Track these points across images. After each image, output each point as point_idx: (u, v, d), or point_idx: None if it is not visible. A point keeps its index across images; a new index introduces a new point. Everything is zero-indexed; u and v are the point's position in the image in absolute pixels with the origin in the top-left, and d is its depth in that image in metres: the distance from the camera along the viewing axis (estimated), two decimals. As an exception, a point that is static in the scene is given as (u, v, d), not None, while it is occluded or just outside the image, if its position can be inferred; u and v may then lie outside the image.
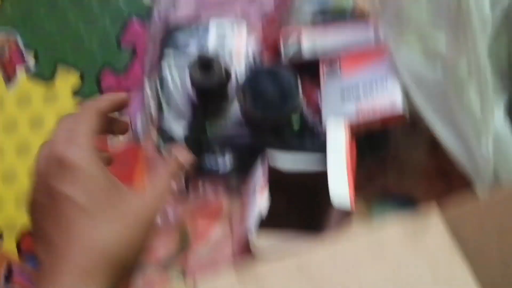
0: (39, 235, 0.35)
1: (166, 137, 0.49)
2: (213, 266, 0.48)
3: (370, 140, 0.46)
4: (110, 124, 0.39)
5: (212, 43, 0.50)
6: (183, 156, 0.40)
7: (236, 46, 0.50)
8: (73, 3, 0.60)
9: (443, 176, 0.47)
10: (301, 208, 0.44)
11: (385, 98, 0.41)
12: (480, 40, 0.36)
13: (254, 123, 0.46)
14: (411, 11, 0.39)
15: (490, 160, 0.39)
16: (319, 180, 0.41)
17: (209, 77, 0.45)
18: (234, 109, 0.48)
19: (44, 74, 0.59)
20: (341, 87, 0.43)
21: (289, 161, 0.39)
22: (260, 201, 0.37)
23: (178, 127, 0.48)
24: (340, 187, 0.33)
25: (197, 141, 0.48)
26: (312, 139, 0.46)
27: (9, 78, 0.59)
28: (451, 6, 0.35)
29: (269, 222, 0.36)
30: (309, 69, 0.47)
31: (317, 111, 0.46)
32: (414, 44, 0.40)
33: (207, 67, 0.45)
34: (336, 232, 0.36)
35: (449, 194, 0.47)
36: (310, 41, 0.46)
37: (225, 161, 0.49)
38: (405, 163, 0.48)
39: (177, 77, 0.49)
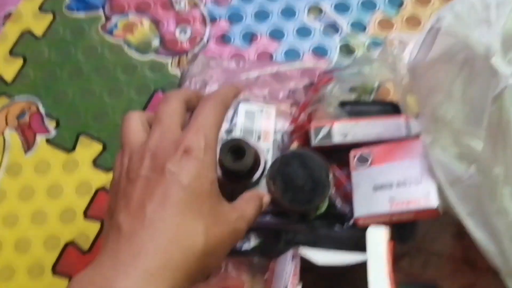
0: (130, 205, 0.33)
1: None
2: None
3: (397, 227, 0.46)
4: None
5: (240, 124, 0.50)
6: (265, 196, 0.42)
7: (264, 129, 0.50)
8: (98, 72, 0.61)
9: (468, 265, 0.48)
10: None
11: (419, 191, 0.41)
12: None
13: (280, 209, 0.46)
14: (447, 112, 0.40)
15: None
16: (351, 272, 0.41)
17: (239, 162, 0.45)
18: (261, 189, 0.48)
19: (65, 145, 0.58)
20: (373, 178, 0.44)
21: (321, 256, 0.39)
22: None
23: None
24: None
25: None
26: (341, 224, 0.46)
27: (28, 145, 0.59)
28: (491, 115, 0.36)
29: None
30: (338, 154, 0.48)
31: (345, 196, 0.47)
32: (449, 145, 0.41)
33: (238, 152, 0.45)
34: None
35: (474, 284, 0.47)
36: (340, 129, 0.47)
37: (249, 239, 0.49)
38: (430, 251, 0.48)
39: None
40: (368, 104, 0.52)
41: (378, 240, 0.35)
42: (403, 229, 0.46)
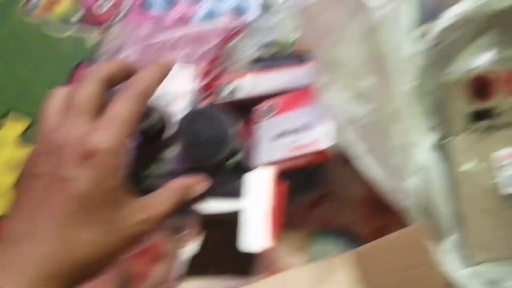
0: (21, 206, 0.33)
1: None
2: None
3: (307, 175, 0.47)
4: None
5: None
6: (196, 180, 0.40)
7: (179, 89, 0.51)
8: (17, 50, 0.61)
9: (381, 208, 0.48)
10: (225, 251, 0.44)
11: (315, 135, 0.42)
12: (400, 83, 0.37)
13: (190, 165, 0.47)
14: (342, 54, 0.40)
15: (417, 194, 0.40)
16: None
17: (147, 122, 0.46)
18: (174, 149, 0.49)
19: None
20: (275, 128, 0.44)
21: (215, 204, 0.40)
22: (188, 249, 0.37)
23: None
24: (254, 230, 0.33)
25: (137, 180, 0.48)
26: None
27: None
28: (373, 50, 0.36)
29: (195, 268, 0.36)
30: (249, 109, 0.48)
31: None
32: (345, 86, 0.41)
33: (147, 113, 0.46)
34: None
35: (387, 226, 0.48)
36: (246, 83, 0.47)
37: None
38: (342, 197, 0.49)
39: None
40: (283, 57, 0.52)
41: (262, 179, 0.35)
42: (313, 175, 0.47)
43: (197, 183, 0.40)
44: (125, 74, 0.37)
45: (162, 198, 0.37)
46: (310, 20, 0.42)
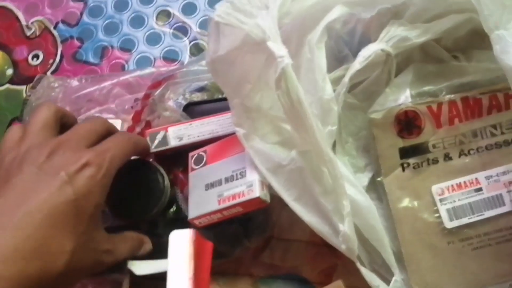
0: (5, 191, 0.32)
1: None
2: None
3: (248, 222, 0.45)
4: None
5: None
6: (147, 243, 0.41)
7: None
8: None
9: (328, 248, 0.47)
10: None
11: (244, 184, 0.41)
12: (320, 126, 0.36)
13: (126, 220, 0.45)
14: (263, 102, 0.39)
15: (353, 235, 0.38)
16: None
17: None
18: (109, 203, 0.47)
19: None
20: (206, 178, 0.43)
21: (145, 265, 0.38)
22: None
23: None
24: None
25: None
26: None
27: None
28: (282, 99, 0.35)
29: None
30: (182, 158, 0.47)
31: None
32: (268, 133, 0.40)
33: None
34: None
35: (335, 266, 0.46)
36: (175, 132, 0.46)
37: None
38: (290, 239, 0.47)
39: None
40: (216, 101, 0.51)
41: (180, 243, 0.34)
42: (254, 223, 0.46)
43: (146, 242, 0.41)
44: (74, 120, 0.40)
45: (125, 240, 0.38)
46: (220, 71, 0.40)
